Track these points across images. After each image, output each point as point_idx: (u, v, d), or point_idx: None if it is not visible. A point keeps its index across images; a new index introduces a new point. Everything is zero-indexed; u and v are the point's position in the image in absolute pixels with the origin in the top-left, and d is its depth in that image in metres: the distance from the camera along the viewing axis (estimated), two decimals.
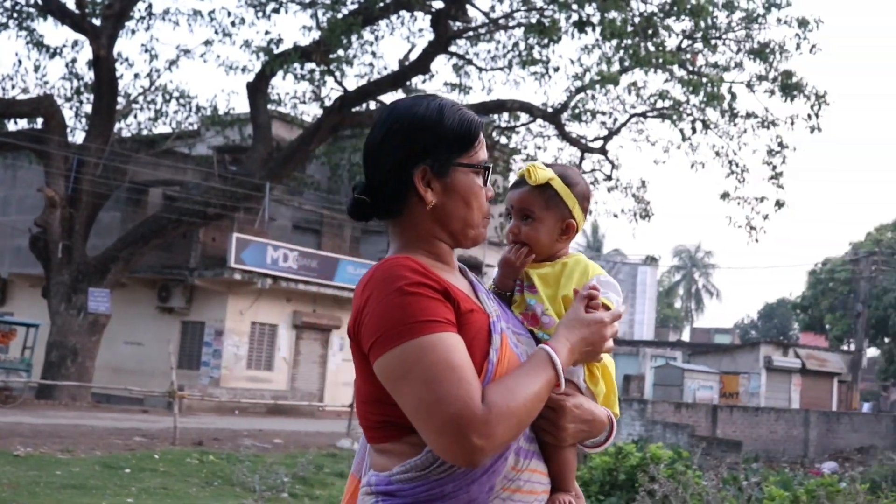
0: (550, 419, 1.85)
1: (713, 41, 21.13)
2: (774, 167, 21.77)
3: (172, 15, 24.85)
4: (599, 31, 19.31)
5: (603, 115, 22.62)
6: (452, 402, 1.64)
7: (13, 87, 24.20)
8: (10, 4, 22.55)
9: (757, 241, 22.27)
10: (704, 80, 20.18)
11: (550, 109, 22.22)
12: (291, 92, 27.08)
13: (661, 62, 19.57)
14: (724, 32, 21.16)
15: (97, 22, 22.04)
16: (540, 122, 23.17)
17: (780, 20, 20.57)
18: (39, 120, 22.89)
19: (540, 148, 23.77)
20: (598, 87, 20.85)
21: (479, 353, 1.77)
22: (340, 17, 20.54)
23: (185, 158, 27.34)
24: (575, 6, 19.43)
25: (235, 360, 27.19)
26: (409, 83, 22.75)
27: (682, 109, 21.43)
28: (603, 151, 23.28)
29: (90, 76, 23.48)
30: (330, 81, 23.38)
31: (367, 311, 1.76)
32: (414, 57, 22.20)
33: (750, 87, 21.29)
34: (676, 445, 15.45)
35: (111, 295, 22.28)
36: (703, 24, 20.37)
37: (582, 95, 21.84)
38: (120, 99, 23.85)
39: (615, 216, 24.86)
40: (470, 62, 22.89)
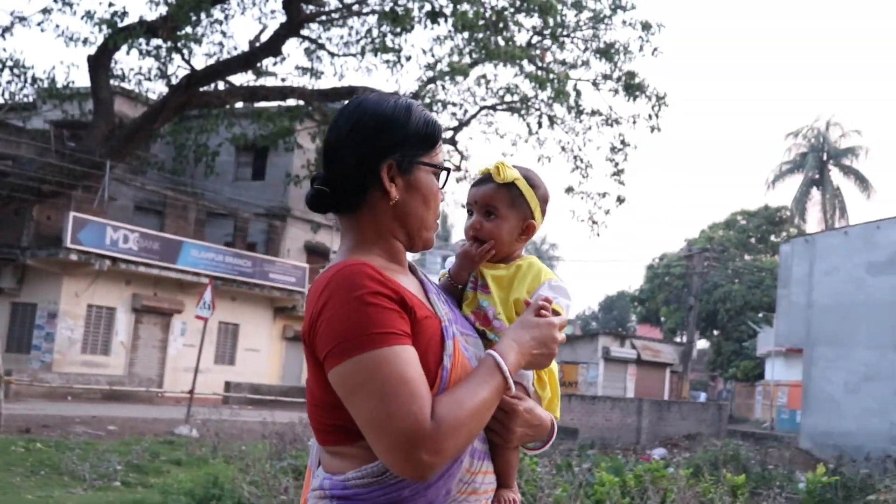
0: (501, 421, 1.88)
1: (561, 39, 21.64)
2: (617, 164, 22.49)
3: None
4: (451, 22, 19.47)
5: (454, 106, 22.83)
6: (403, 418, 1.65)
7: None
8: None
9: (599, 234, 22.99)
10: (552, 76, 20.63)
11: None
12: (136, 68, 26.09)
13: (510, 56, 19.89)
14: (572, 31, 21.68)
15: None
16: None
17: (625, 22, 21.25)
18: None
19: None
20: (448, 78, 21.02)
21: (433, 359, 1.79)
22: None
23: (18, 132, 26.01)
24: None
25: (69, 343, 26.17)
26: (259, 65, 22.35)
27: (530, 104, 21.86)
28: (453, 142, 23.50)
29: None
30: (177, 59, 22.72)
31: (323, 317, 1.75)
32: (265, 39, 21.82)
33: (595, 85, 21.90)
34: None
35: None
36: (551, 21, 20.81)
37: (433, 86, 21.98)
38: None
39: (463, 207, 25.08)
40: (322, 47, 22.67)
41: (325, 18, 21.94)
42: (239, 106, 23.84)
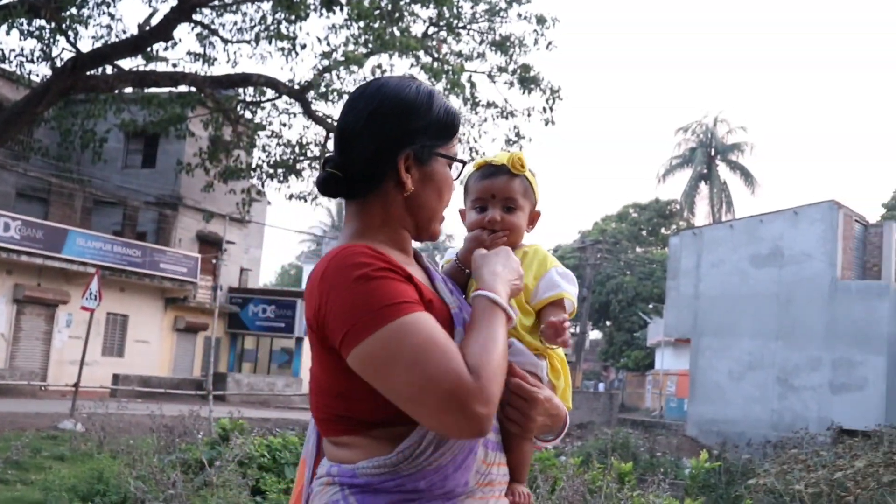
0: (522, 410, 1.85)
1: (457, 30, 21.69)
2: None
3: None
4: (347, 11, 19.31)
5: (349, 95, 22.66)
6: (445, 377, 1.60)
7: None
8: None
9: None
10: (447, 67, 20.67)
11: (297, 87, 21.99)
12: (17, 49, 25.03)
13: (406, 47, 19.84)
14: (468, 23, 21.76)
15: None
16: (286, 98, 22.87)
17: (520, 15, 21.41)
18: None
19: (285, 125, 23.50)
20: (344, 67, 20.85)
21: None
22: None
23: None
24: None
25: None
26: (149, 50, 21.75)
27: None
28: None
29: None
30: (62, 41, 21.94)
31: (330, 302, 1.69)
32: (155, 22, 21.25)
33: (491, 77, 22.03)
34: None
35: None
36: (447, 12, 20.85)
37: (328, 75, 21.77)
38: None
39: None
40: (215, 33, 22.18)
41: (217, 3, 21.49)
42: (128, 91, 23.16)
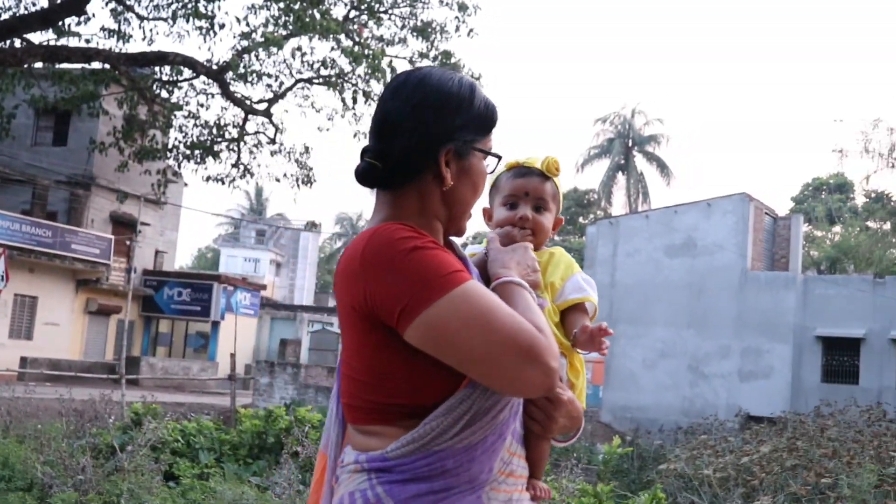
0: (546, 410, 1.88)
1: (379, 15, 21.58)
2: None
3: None
4: None
5: (269, 77, 22.36)
6: (521, 334, 1.64)
7: None
8: None
9: None
10: (368, 52, 20.56)
11: (215, 67, 21.63)
12: None
13: (326, 30, 19.66)
14: (389, 7, 21.68)
15: None
16: (204, 79, 22.48)
17: (442, 1, 21.41)
18: None
19: (203, 106, 23.09)
20: (263, 49, 20.57)
21: None
22: None
23: None
24: None
25: None
26: (61, 24, 21.14)
27: (346, 79, 21.71)
28: (267, 114, 23.05)
29: None
30: None
31: (380, 281, 1.69)
32: None
33: (412, 63, 21.98)
34: (327, 409, 15.73)
35: None
36: None
37: (248, 56, 21.46)
38: None
39: (277, 180, 24.67)
40: (130, 9, 21.67)
41: None
42: (38, 66, 22.48)
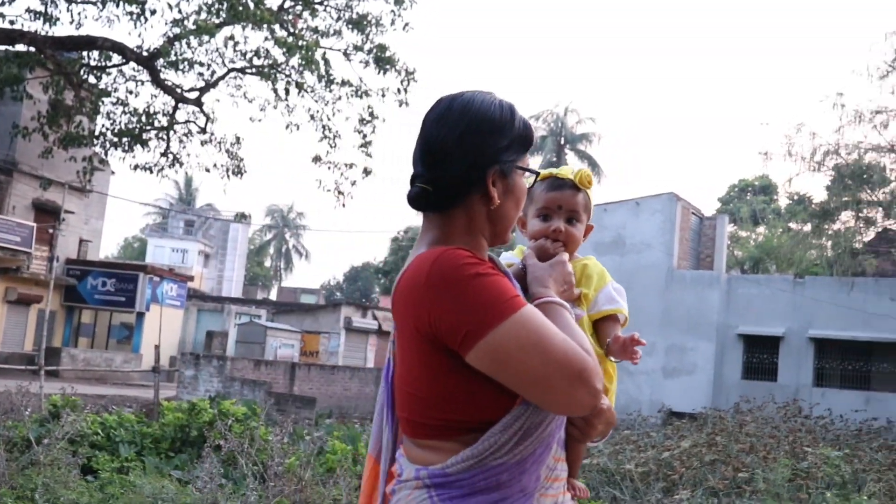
0: (586, 418, 2.00)
1: (314, 6, 21.40)
2: (365, 136, 22.54)
3: None
4: None
5: (201, 66, 22.02)
6: (575, 357, 1.76)
7: None
8: None
9: (344, 205, 23.00)
10: (302, 43, 20.37)
11: (145, 53, 21.23)
12: None
13: (260, 19, 19.44)
14: None
15: None
16: (133, 65, 22.04)
17: None
18: None
19: (132, 93, 22.62)
20: (195, 36, 20.25)
21: None
22: None
23: None
24: None
25: None
26: None
27: (279, 69, 21.50)
28: (198, 103, 22.69)
29: None
30: None
31: (445, 304, 1.79)
32: None
33: (346, 55, 21.87)
34: (253, 402, 15.60)
35: None
36: None
37: (179, 43, 21.09)
38: None
39: (207, 170, 24.31)
40: None
41: None
42: None
